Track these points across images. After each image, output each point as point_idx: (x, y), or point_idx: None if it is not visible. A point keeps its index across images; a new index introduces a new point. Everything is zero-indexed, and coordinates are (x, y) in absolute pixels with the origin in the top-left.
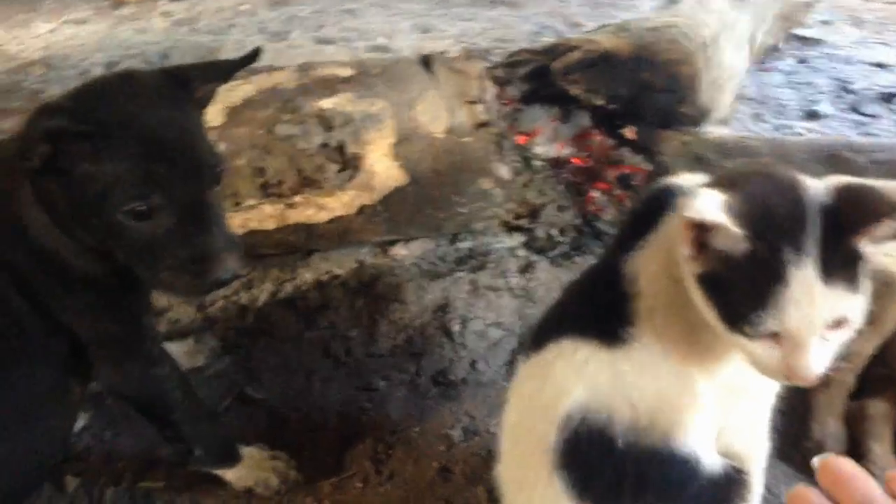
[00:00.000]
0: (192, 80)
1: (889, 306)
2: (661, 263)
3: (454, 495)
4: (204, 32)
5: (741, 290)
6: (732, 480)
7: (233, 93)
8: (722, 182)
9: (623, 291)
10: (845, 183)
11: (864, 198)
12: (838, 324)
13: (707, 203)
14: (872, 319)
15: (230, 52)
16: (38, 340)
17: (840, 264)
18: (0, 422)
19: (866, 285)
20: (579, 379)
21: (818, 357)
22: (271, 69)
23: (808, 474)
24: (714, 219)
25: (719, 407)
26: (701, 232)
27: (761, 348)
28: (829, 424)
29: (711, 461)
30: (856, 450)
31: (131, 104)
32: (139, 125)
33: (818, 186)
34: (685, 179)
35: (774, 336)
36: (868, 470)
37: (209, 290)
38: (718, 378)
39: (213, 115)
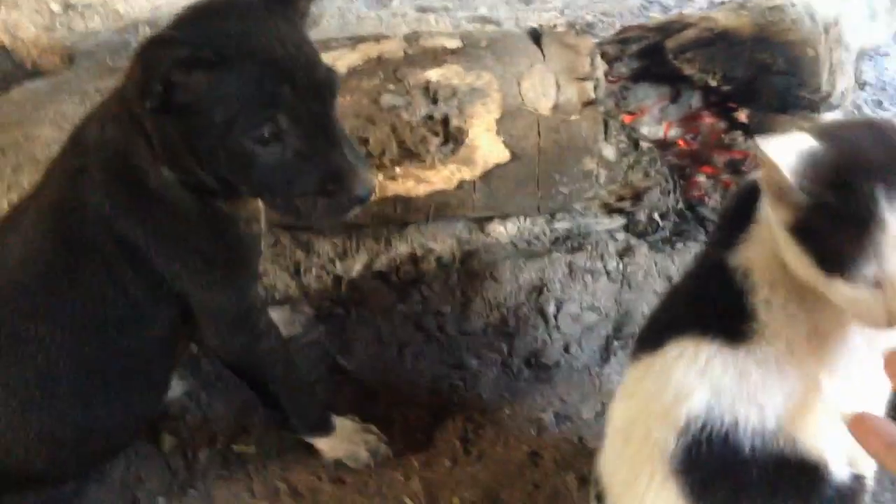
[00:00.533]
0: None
1: None
2: (770, 252)
3: (543, 481)
4: None
5: (836, 237)
6: (857, 489)
7: (338, 61)
8: (822, 131)
9: (738, 287)
10: None
11: None
12: None
13: (781, 146)
14: None
15: (332, 17)
16: (147, 308)
17: None
18: (103, 379)
19: None
20: (702, 380)
21: None
22: (378, 37)
23: None
24: (777, 161)
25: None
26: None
27: (862, 294)
28: None
29: (839, 468)
30: None
31: (244, 25)
32: (257, 46)
33: None
34: None
35: (875, 282)
36: None
37: (349, 209)
38: (842, 374)
39: None
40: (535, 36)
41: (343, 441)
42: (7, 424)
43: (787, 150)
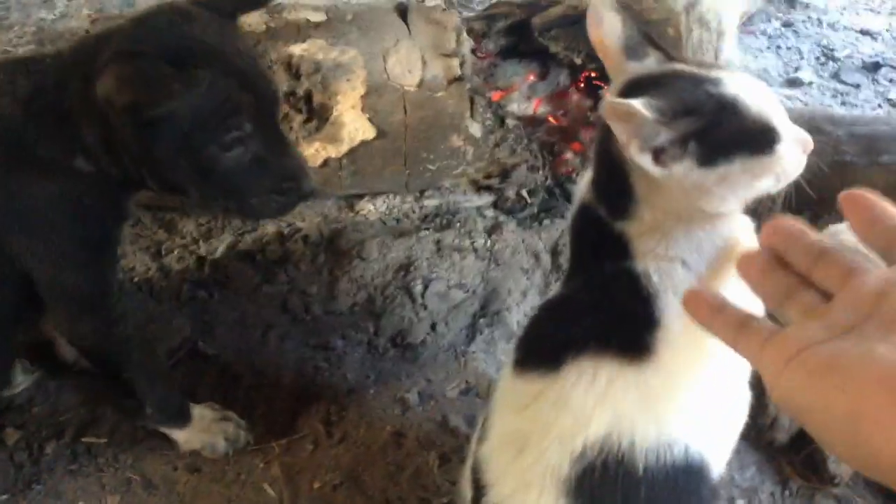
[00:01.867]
0: (234, 11)
1: None
2: (662, 251)
3: (405, 461)
4: None
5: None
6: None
7: None
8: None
9: (642, 294)
10: None
11: None
12: None
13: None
14: None
15: None
16: None
17: None
18: None
19: None
20: (602, 405)
21: None
22: None
23: (761, 452)
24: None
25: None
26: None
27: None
28: None
29: (716, 465)
30: None
31: (206, 35)
32: (221, 56)
33: None
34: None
35: None
36: (819, 450)
37: (297, 204)
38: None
39: None
40: (402, 11)
41: (200, 431)
42: None
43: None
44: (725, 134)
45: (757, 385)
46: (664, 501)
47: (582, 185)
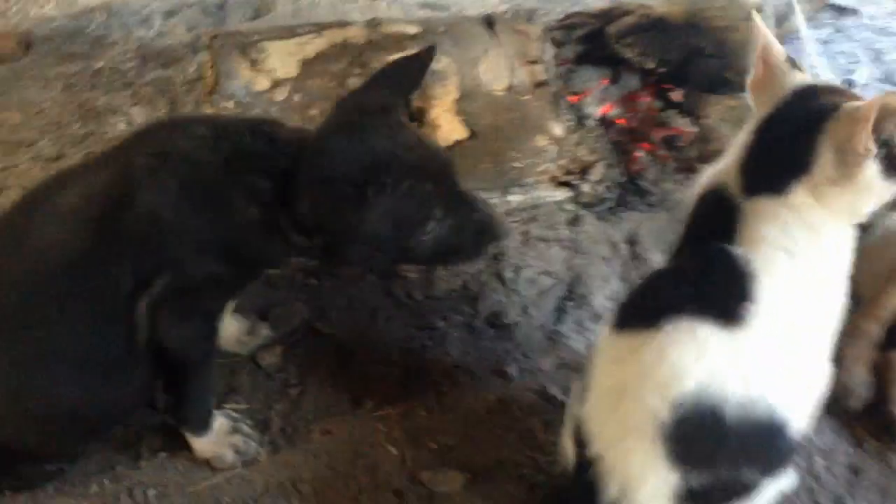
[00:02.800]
0: (397, 102)
1: None
2: (772, 240)
3: (512, 424)
4: None
5: None
6: (799, 438)
7: (306, 46)
8: None
9: (740, 272)
10: None
11: None
12: None
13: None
14: None
15: (286, 4)
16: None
17: None
18: (98, 365)
19: None
20: (699, 360)
21: None
22: (342, 24)
23: (836, 418)
24: None
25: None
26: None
27: None
28: (858, 372)
29: (797, 426)
30: (880, 394)
31: (386, 140)
32: (403, 159)
33: None
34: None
35: None
36: (892, 412)
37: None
38: (822, 328)
39: (289, 66)
40: (489, 22)
41: (212, 444)
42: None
43: None
44: None
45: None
46: (748, 450)
47: (712, 170)
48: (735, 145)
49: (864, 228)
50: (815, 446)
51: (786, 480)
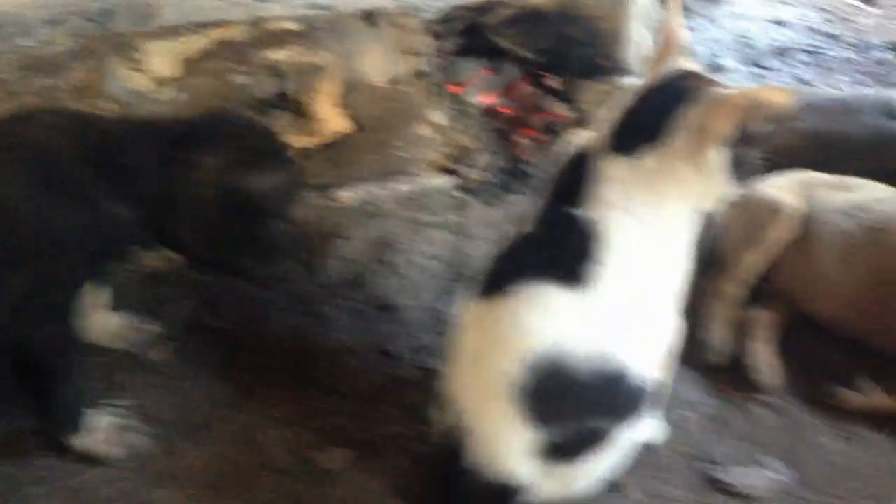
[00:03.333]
0: None
1: (774, 230)
2: (620, 203)
3: (399, 401)
4: None
5: None
6: (651, 387)
7: (189, 45)
8: None
9: (585, 235)
10: None
11: None
12: None
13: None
14: (759, 242)
15: (171, 8)
16: None
17: None
18: None
19: None
20: (545, 318)
21: None
22: (224, 23)
23: (701, 373)
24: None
25: (659, 317)
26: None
27: None
28: (721, 331)
29: (640, 373)
30: (741, 350)
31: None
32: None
33: None
34: (586, 137)
35: None
36: (753, 366)
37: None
38: (666, 285)
39: (172, 67)
40: (370, 17)
41: (98, 442)
42: None
43: None
44: None
45: (691, 316)
46: (595, 401)
47: (580, 138)
48: (607, 116)
49: None
50: (683, 399)
51: (654, 431)
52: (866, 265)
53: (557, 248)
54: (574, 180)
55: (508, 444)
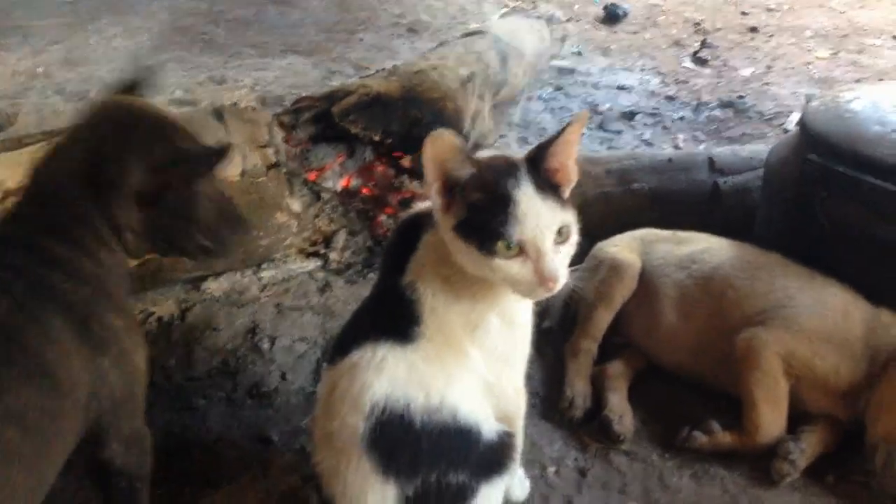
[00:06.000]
0: None
1: (617, 287)
2: (431, 270)
3: (275, 485)
4: (1, 97)
5: (487, 221)
6: (504, 443)
7: (37, 154)
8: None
9: (407, 299)
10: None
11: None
12: (563, 236)
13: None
14: (605, 299)
15: (30, 115)
16: None
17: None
18: None
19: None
20: (380, 373)
21: (558, 264)
22: None
23: (564, 428)
24: (453, 138)
25: (491, 377)
26: (447, 179)
27: (515, 266)
28: (579, 386)
29: (489, 428)
30: (599, 402)
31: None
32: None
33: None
34: (423, 206)
35: (521, 254)
36: (607, 417)
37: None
38: (487, 348)
39: (19, 176)
40: (218, 114)
41: None
42: None
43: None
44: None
45: (556, 376)
46: (444, 453)
47: (419, 205)
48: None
49: None
50: (547, 455)
51: (518, 488)
52: (701, 314)
53: (384, 312)
54: (402, 248)
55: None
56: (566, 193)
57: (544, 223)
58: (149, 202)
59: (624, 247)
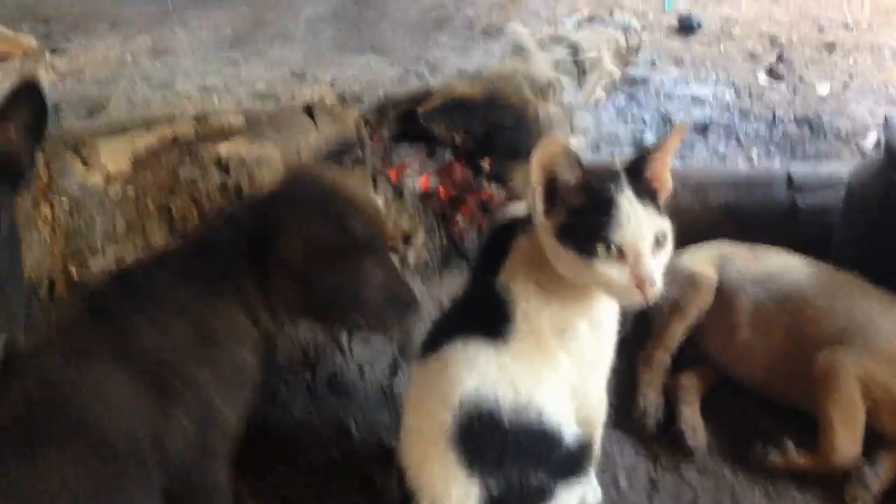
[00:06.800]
0: None
1: (693, 300)
2: (525, 273)
3: (355, 474)
4: (90, 83)
5: (588, 224)
6: (583, 447)
7: (137, 142)
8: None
9: (500, 299)
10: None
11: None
12: (659, 242)
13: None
14: (681, 311)
15: (121, 102)
16: None
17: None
18: None
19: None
20: (470, 371)
21: (655, 269)
22: (171, 119)
23: (636, 438)
24: (566, 144)
25: (576, 381)
26: (550, 183)
27: (614, 270)
28: (652, 397)
29: (570, 431)
30: (671, 414)
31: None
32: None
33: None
34: (516, 209)
35: (619, 258)
36: (680, 429)
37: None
38: (577, 354)
39: (121, 162)
40: (309, 110)
41: None
42: None
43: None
44: None
45: (628, 385)
46: (529, 452)
47: (512, 209)
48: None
49: None
50: (618, 465)
51: (590, 494)
52: (778, 331)
53: (478, 310)
54: (496, 250)
55: (454, 497)
56: (662, 201)
57: (644, 228)
58: (306, 279)
59: (700, 259)
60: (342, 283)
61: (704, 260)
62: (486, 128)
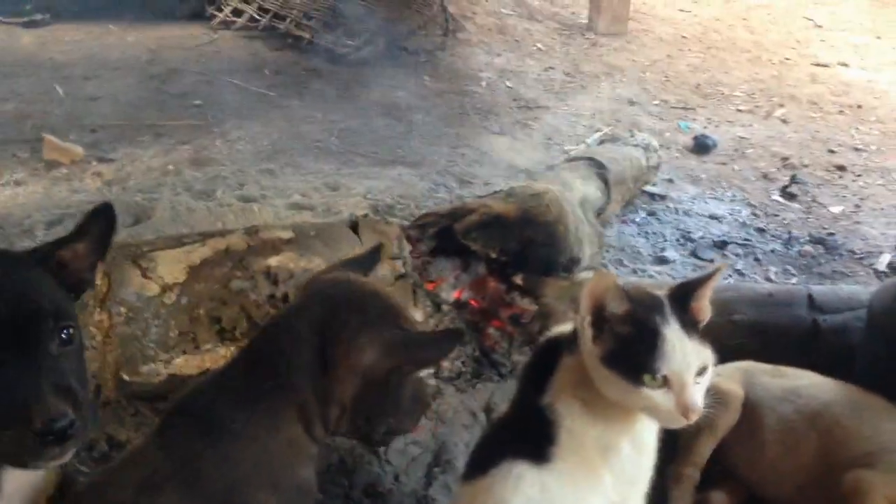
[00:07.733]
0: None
1: (721, 416)
2: (570, 390)
3: None
4: (135, 191)
5: (635, 354)
6: None
7: (192, 254)
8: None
9: (545, 419)
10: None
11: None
12: (701, 370)
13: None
14: (709, 427)
15: (165, 211)
16: None
17: (689, 326)
18: None
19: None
20: (515, 493)
21: (698, 396)
22: (223, 233)
23: None
24: (615, 278)
25: (616, 498)
26: (598, 310)
27: (659, 396)
28: None
29: None
30: None
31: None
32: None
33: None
34: (562, 328)
35: (664, 385)
36: None
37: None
38: (619, 473)
39: (177, 273)
40: (353, 225)
41: None
42: None
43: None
44: None
45: (659, 500)
46: None
47: (557, 328)
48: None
49: None
50: None
51: None
52: (807, 449)
53: (523, 431)
54: (541, 370)
55: None
56: (700, 328)
57: (689, 359)
58: (372, 381)
59: (727, 376)
60: (398, 383)
61: (730, 377)
62: (520, 244)
